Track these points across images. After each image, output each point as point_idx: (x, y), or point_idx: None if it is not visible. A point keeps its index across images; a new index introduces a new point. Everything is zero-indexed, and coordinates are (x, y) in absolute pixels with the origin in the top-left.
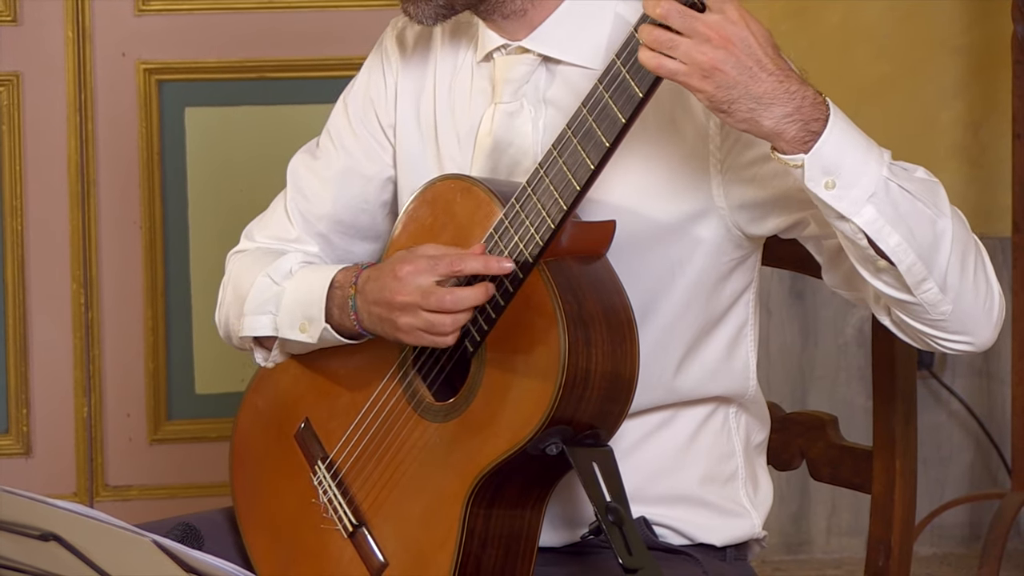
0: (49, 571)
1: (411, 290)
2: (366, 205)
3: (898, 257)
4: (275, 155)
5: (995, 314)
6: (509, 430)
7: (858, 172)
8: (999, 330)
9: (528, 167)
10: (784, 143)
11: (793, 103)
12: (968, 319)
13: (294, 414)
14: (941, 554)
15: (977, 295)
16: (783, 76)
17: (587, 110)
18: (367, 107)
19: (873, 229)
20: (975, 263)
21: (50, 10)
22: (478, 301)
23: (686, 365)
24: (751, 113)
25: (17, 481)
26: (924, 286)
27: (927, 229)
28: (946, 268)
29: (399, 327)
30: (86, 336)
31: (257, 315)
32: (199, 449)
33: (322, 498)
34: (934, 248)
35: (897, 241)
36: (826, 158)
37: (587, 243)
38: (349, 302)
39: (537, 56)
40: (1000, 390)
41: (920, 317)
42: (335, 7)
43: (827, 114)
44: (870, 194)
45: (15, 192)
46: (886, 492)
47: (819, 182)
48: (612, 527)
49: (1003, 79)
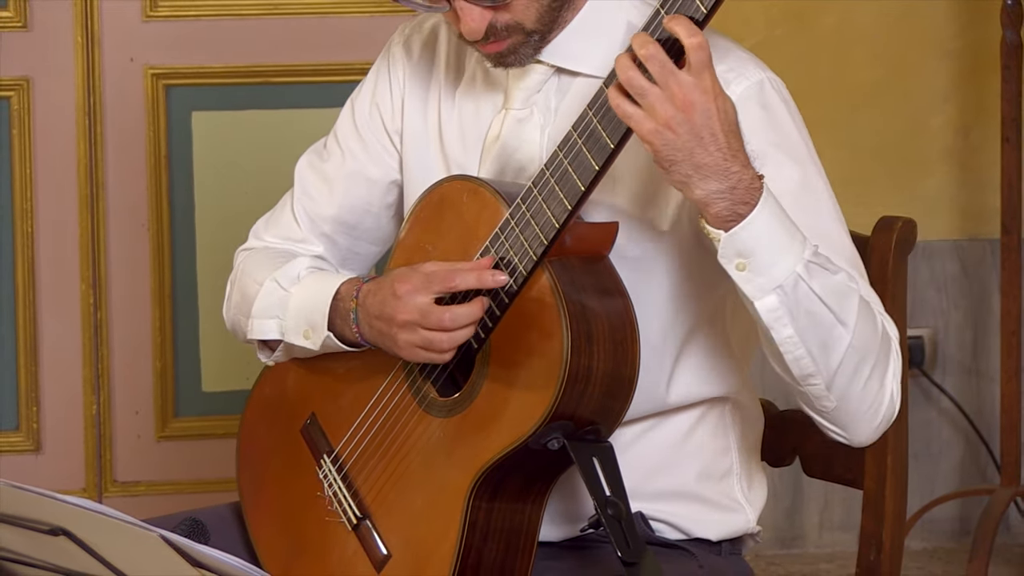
0: (59, 565)
1: (411, 308)
2: (371, 208)
3: (786, 348)
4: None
5: (879, 419)
6: (512, 425)
7: (770, 263)
8: (881, 432)
9: (533, 172)
10: (709, 216)
11: (728, 182)
12: (849, 419)
13: (300, 409)
14: (932, 548)
15: (863, 400)
16: (730, 155)
17: (592, 112)
18: (373, 112)
19: (771, 318)
20: (872, 370)
21: (60, 16)
22: (474, 317)
23: (678, 371)
24: (687, 179)
25: (27, 477)
26: (810, 380)
27: (824, 332)
28: (835, 371)
29: (398, 344)
30: (95, 335)
31: (264, 319)
32: (206, 446)
33: (327, 491)
34: (826, 350)
35: (790, 334)
36: (742, 242)
37: (590, 243)
38: (351, 315)
39: (551, 67)
40: (989, 388)
41: (803, 400)
42: (340, 14)
43: (758, 200)
44: (776, 285)
45: (25, 195)
46: (877, 488)
47: (731, 261)
48: (612, 521)
49: (993, 83)
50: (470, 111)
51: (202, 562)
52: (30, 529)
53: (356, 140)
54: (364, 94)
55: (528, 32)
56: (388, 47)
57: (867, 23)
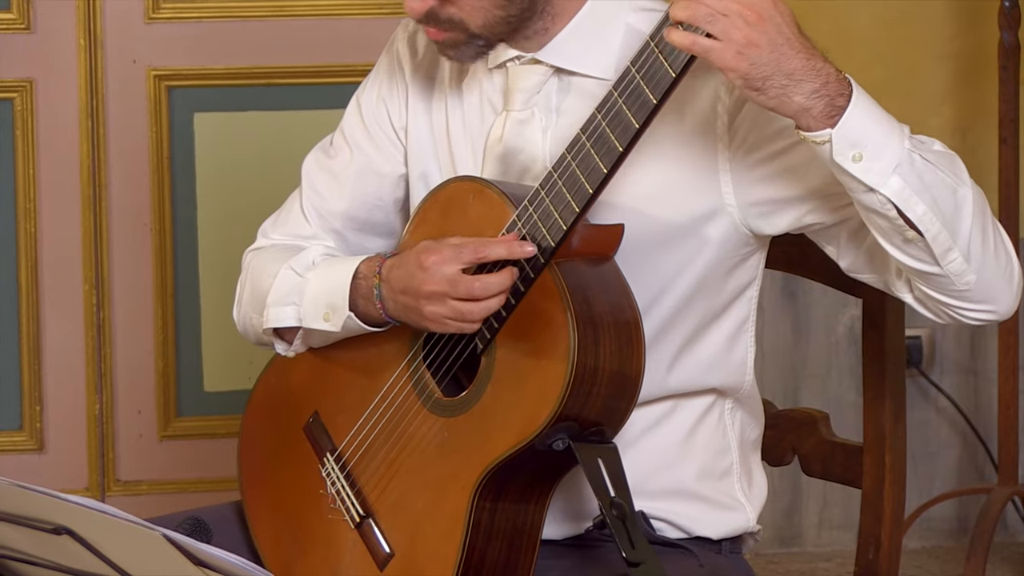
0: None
1: (439, 279)
2: (380, 202)
3: (925, 226)
4: (281, 159)
5: (1016, 282)
6: (517, 425)
7: (883, 144)
8: (1020, 298)
9: (537, 173)
10: (811, 119)
11: (820, 79)
12: (991, 288)
13: (303, 407)
14: (930, 547)
15: (998, 263)
16: (809, 54)
17: (601, 115)
18: (380, 107)
19: (901, 199)
20: (994, 233)
21: (63, 18)
22: (504, 286)
23: (683, 358)
24: (783, 90)
25: (31, 476)
26: (950, 256)
27: (949, 198)
28: (969, 237)
29: (425, 315)
30: (98, 335)
31: (281, 306)
32: (207, 445)
33: (330, 490)
34: (956, 217)
35: (923, 210)
36: (852, 132)
37: (596, 245)
38: (374, 291)
39: (550, 67)
40: (986, 387)
41: (945, 289)
42: (340, 16)
43: (850, 90)
44: (895, 165)
45: (29, 195)
46: (876, 487)
47: (847, 155)
48: (616, 521)
49: (990, 85)
50: (473, 110)
51: (204, 561)
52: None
53: (364, 136)
54: (370, 90)
55: (471, 34)
56: (392, 42)
57: (865, 25)
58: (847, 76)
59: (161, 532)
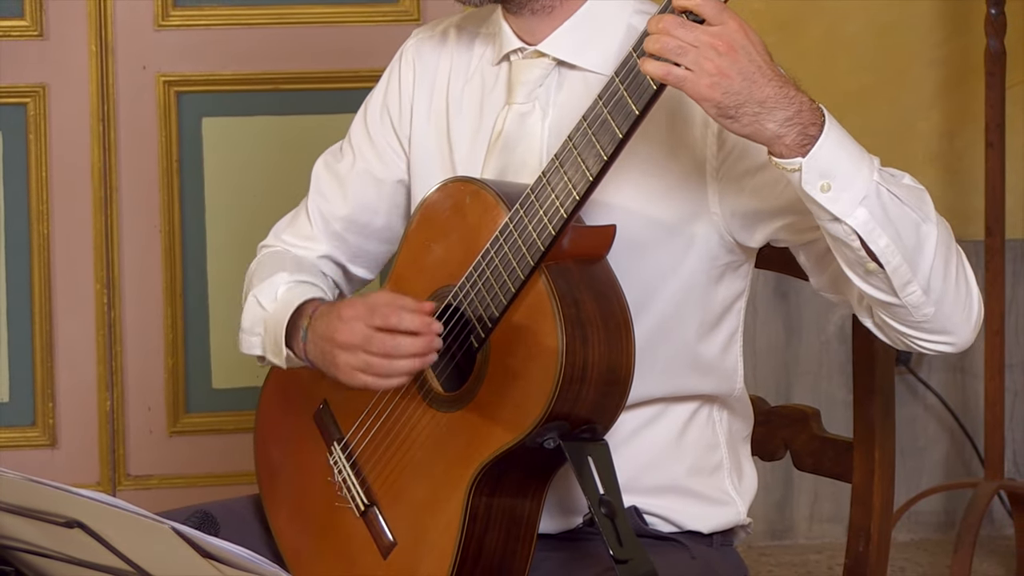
0: (74, 557)
1: (354, 331)
2: (380, 207)
3: (886, 259)
4: (288, 163)
5: (974, 317)
6: (509, 424)
7: (851, 176)
8: (977, 332)
9: (536, 166)
10: (783, 147)
11: (793, 107)
12: (948, 321)
13: (314, 394)
14: (918, 540)
15: (958, 298)
16: (782, 82)
17: (587, 124)
18: (383, 115)
19: (865, 230)
20: (957, 268)
21: (74, 25)
22: (415, 351)
23: (675, 366)
24: (756, 117)
25: (43, 471)
26: (909, 288)
27: (912, 233)
28: (930, 271)
29: (338, 364)
30: (109, 334)
31: (250, 335)
32: (216, 441)
33: (337, 477)
34: (918, 251)
35: (886, 243)
36: (822, 162)
37: (588, 247)
38: (302, 331)
39: (552, 60)
40: (973, 385)
41: (903, 319)
42: (348, 22)
43: (823, 119)
44: (862, 197)
45: (41, 197)
46: (866, 481)
47: (815, 185)
48: (604, 519)
49: (977, 90)
50: (475, 111)
51: (212, 553)
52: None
53: (367, 142)
54: (376, 97)
55: None
56: (401, 51)
57: (854, 32)
58: (820, 106)
59: (170, 525)
